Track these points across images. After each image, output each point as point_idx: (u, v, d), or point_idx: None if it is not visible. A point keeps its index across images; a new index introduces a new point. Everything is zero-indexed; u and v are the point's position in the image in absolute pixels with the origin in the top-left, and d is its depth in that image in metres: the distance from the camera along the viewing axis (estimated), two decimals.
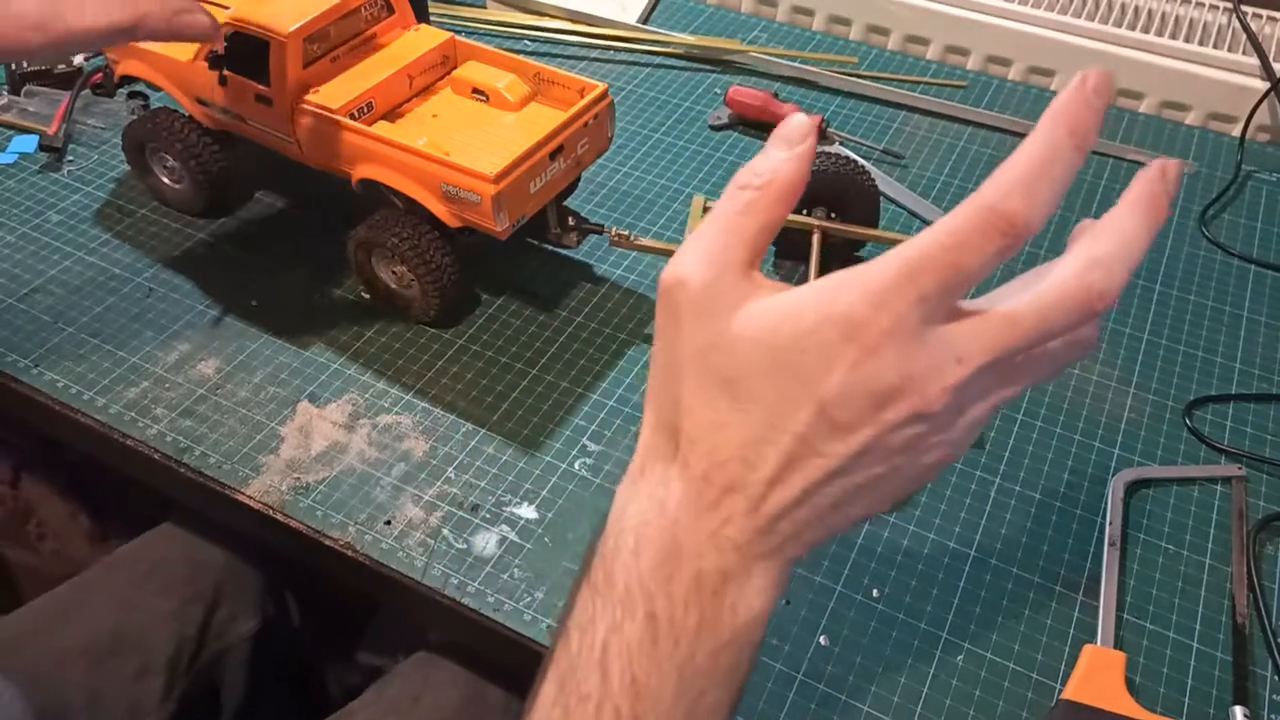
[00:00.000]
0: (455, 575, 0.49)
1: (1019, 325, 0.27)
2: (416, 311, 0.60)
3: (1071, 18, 0.85)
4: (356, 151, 0.56)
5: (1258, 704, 0.45)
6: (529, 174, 0.54)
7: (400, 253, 0.56)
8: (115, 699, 0.57)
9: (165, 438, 0.54)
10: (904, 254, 0.26)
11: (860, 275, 0.27)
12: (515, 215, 0.54)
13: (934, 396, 0.26)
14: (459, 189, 0.53)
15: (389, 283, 0.60)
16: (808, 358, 0.27)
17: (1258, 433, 0.58)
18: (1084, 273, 0.28)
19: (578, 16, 0.90)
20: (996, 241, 0.26)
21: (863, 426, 0.27)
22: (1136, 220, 0.28)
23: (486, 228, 0.54)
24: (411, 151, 0.54)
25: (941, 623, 0.48)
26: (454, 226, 0.55)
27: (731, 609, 0.28)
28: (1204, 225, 0.72)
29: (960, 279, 0.26)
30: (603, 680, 0.28)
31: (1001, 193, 0.27)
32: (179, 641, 0.60)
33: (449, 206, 0.54)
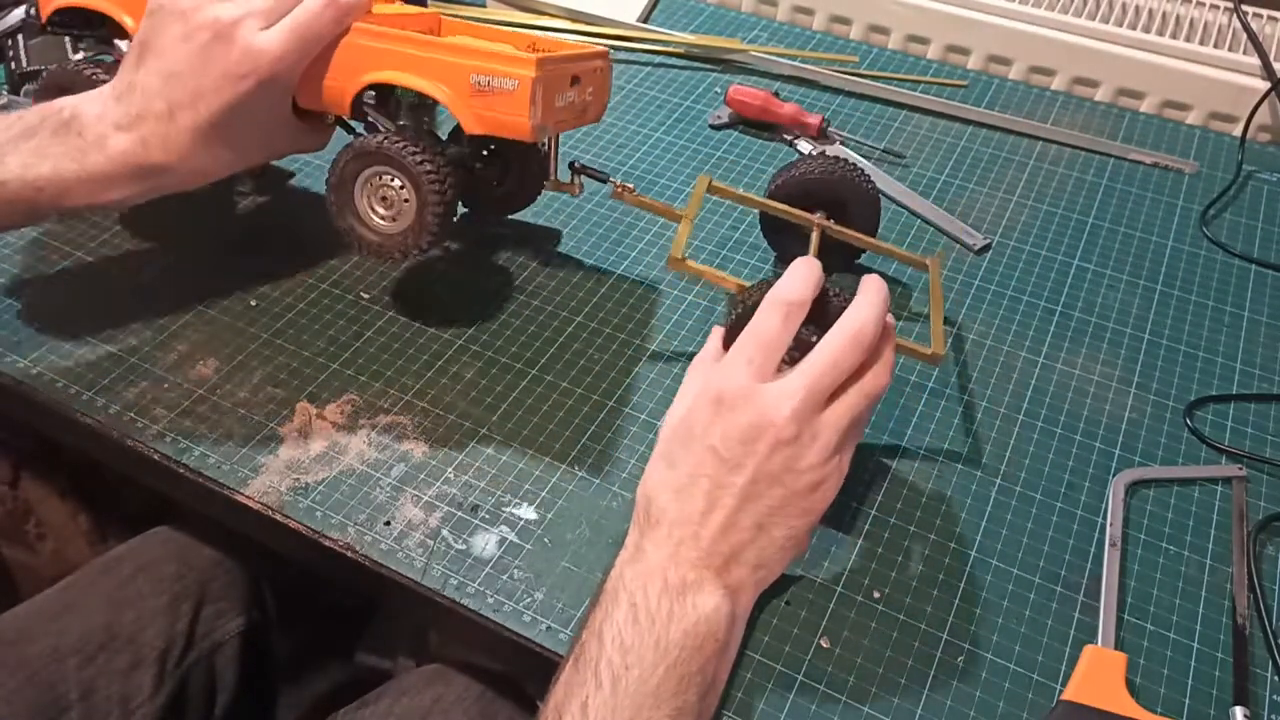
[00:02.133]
0: (455, 576, 0.49)
1: (816, 363, 0.41)
2: (397, 246, 0.55)
3: (1072, 17, 0.85)
4: (363, 57, 0.52)
5: (1258, 704, 0.45)
6: (559, 81, 0.52)
7: (410, 164, 0.52)
8: (107, 693, 0.57)
9: (164, 438, 0.54)
10: (738, 343, 0.43)
11: (717, 366, 0.43)
12: (547, 118, 0.52)
13: (783, 424, 0.40)
14: (492, 77, 0.50)
15: (369, 214, 0.55)
16: (698, 425, 0.42)
17: (1258, 433, 0.58)
18: (851, 324, 0.42)
19: (578, 16, 0.90)
20: (780, 310, 0.43)
21: (746, 459, 0.41)
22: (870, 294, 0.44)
23: (516, 125, 0.51)
24: (434, 45, 0.51)
25: (941, 623, 0.48)
26: (476, 132, 0.52)
27: (693, 605, 0.40)
28: (1204, 225, 0.72)
29: (769, 341, 0.42)
30: (599, 646, 0.39)
31: (780, 285, 0.43)
32: (169, 637, 0.61)
33: (475, 104, 0.51)
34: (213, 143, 0.52)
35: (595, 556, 0.50)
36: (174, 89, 0.50)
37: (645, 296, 0.64)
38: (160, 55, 0.50)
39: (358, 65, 0.53)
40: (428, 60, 0.51)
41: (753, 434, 0.41)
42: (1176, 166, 0.78)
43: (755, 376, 0.42)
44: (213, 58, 0.49)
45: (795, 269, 0.44)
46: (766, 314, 0.43)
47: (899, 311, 0.64)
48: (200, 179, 0.54)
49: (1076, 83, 0.86)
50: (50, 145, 0.50)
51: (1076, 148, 0.80)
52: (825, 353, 0.42)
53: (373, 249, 0.55)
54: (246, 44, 0.49)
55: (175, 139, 0.51)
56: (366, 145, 0.53)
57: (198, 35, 0.49)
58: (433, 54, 0.51)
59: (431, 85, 0.51)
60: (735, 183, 0.74)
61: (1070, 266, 0.69)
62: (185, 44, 0.50)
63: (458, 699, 0.58)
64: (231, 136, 0.52)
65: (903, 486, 0.54)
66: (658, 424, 0.56)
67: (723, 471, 0.41)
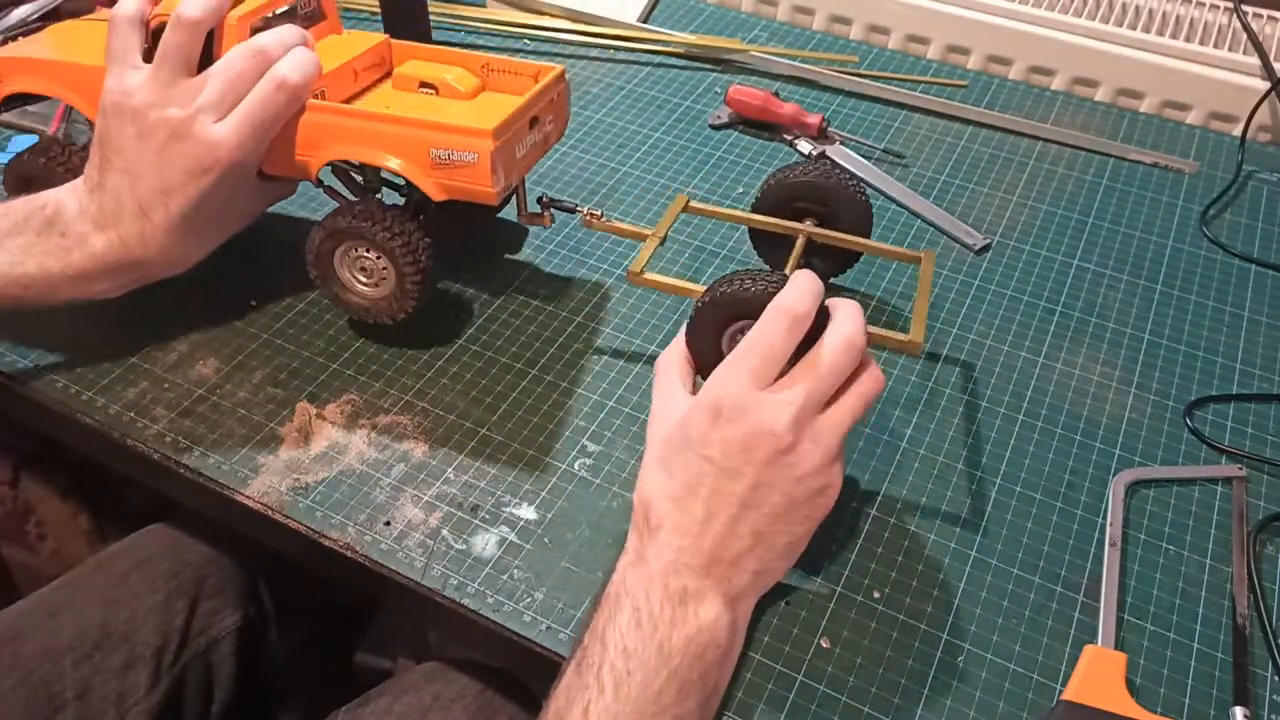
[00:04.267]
0: (455, 576, 0.49)
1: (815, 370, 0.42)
2: (383, 312, 0.56)
3: (1072, 17, 0.85)
4: (322, 134, 0.53)
5: (1258, 704, 0.45)
6: (517, 136, 0.52)
7: (380, 241, 0.53)
8: (103, 691, 0.57)
9: (164, 438, 0.54)
10: (735, 352, 0.42)
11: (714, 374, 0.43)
12: (509, 177, 0.52)
13: (782, 433, 0.40)
14: (452, 151, 0.50)
15: (352, 282, 0.56)
16: (696, 435, 0.42)
17: (1258, 433, 0.58)
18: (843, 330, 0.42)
19: (578, 16, 0.90)
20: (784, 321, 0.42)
21: (745, 468, 0.41)
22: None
23: (480, 192, 0.51)
24: (392, 120, 0.51)
25: (941, 623, 0.48)
26: (440, 199, 0.52)
27: (695, 613, 0.40)
28: (1204, 225, 0.72)
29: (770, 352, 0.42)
30: (602, 650, 0.39)
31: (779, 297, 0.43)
32: (164, 634, 0.61)
33: (437, 175, 0.51)
34: (188, 233, 0.52)
35: (595, 556, 0.50)
36: (141, 189, 0.50)
37: (645, 297, 0.64)
38: (121, 154, 0.50)
39: (318, 142, 0.53)
40: (387, 136, 0.51)
41: (752, 442, 0.41)
42: (1176, 166, 0.78)
43: (755, 385, 0.41)
44: (173, 157, 0.50)
45: (798, 280, 0.44)
46: (770, 323, 0.42)
47: (896, 315, 0.64)
48: (183, 265, 0.55)
49: (1076, 83, 0.86)
50: (36, 244, 0.51)
51: (1076, 148, 0.80)
52: (823, 360, 0.42)
53: (360, 313, 0.57)
54: (204, 139, 0.50)
55: (151, 235, 0.51)
56: (336, 225, 0.54)
57: (154, 135, 0.50)
58: (391, 130, 0.51)
59: (391, 160, 0.52)
60: (735, 183, 0.74)
61: (1070, 266, 0.69)
62: (143, 144, 0.50)
63: (457, 696, 0.58)
64: (205, 223, 0.53)
65: (903, 487, 0.54)
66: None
67: (722, 480, 0.41)
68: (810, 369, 0.42)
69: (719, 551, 0.41)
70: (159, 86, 0.50)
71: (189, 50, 0.50)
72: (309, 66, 0.51)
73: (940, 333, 0.63)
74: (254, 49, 0.50)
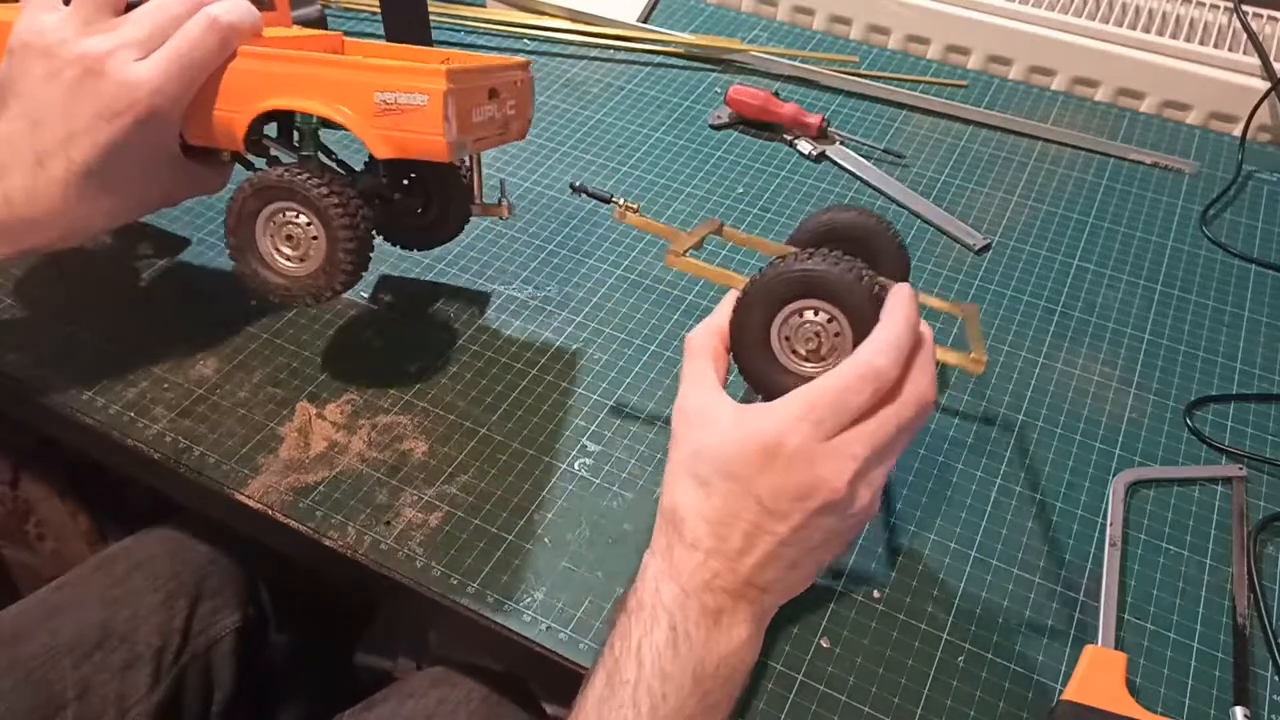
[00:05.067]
0: (455, 575, 0.49)
1: (881, 426, 0.38)
2: (307, 290, 0.50)
3: (1072, 17, 0.85)
4: (254, 83, 0.47)
5: (1258, 704, 0.45)
6: (474, 94, 0.47)
7: (315, 198, 0.47)
8: (104, 690, 0.57)
9: (164, 438, 0.54)
10: (806, 394, 0.38)
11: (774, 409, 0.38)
12: (464, 133, 0.47)
13: (840, 487, 0.38)
14: (399, 94, 0.45)
15: (273, 256, 0.50)
16: (744, 470, 0.39)
17: (1258, 433, 0.58)
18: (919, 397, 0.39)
19: (578, 16, 0.90)
20: (869, 386, 0.38)
21: (793, 513, 0.38)
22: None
23: (431, 144, 0.46)
24: (334, 62, 0.46)
25: (941, 623, 0.48)
26: (386, 155, 0.47)
27: (728, 633, 0.39)
28: (1204, 225, 0.72)
29: (846, 411, 0.38)
30: (638, 668, 0.38)
31: (873, 350, 0.38)
32: (165, 634, 0.61)
33: (382, 125, 0.46)
34: (90, 192, 0.46)
35: (595, 556, 0.50)
36: (41, 135, 0.45)
37: (645, 296, 0.64)
38: (23, 98, 0.45)
39: (249, 92, 0.47)
40: (326, 80, 0.46)
41: (807, 494, 0.38)
42: (1176, 166, 0.78)
43: (819, 437, 0.38)
44: (83, 96, 0.44)
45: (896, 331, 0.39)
46: (857, 380, 0.38)
47: None
48: (78, 235, 0.49)
49: (1076, 83, 0.86)
50: None
51: (1076, 148, 0.80)
52: (896, 417, 0.39)
53: (280, 293, 0.50)
54: (121, 77, 0.44)
55: (44, 191, 0.46)
56: (266, 178, 0.47)
57: (65, 73, 0.44)
58: (331, 73, 0.46)
59: (332, 108, 0.46)
60: (735, 183, 0.74)
61: (1070, 266, 0.69)
62: (51, 84, 0.44)
63: (462, 701, 0.58)
64: (111, 184, 0.47)
65: (902, 487, 0.54)
66: (658, 423, 0.56)
67: (765, 520, 0.39)
68: (881, 425, 0.38)
69: (753, 577, 0.40)
70: (77, 23, 0.45)
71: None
72: (245, 11, 0.47)
73: (940, 333, 0.63)
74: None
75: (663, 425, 0.56)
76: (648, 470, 0.54)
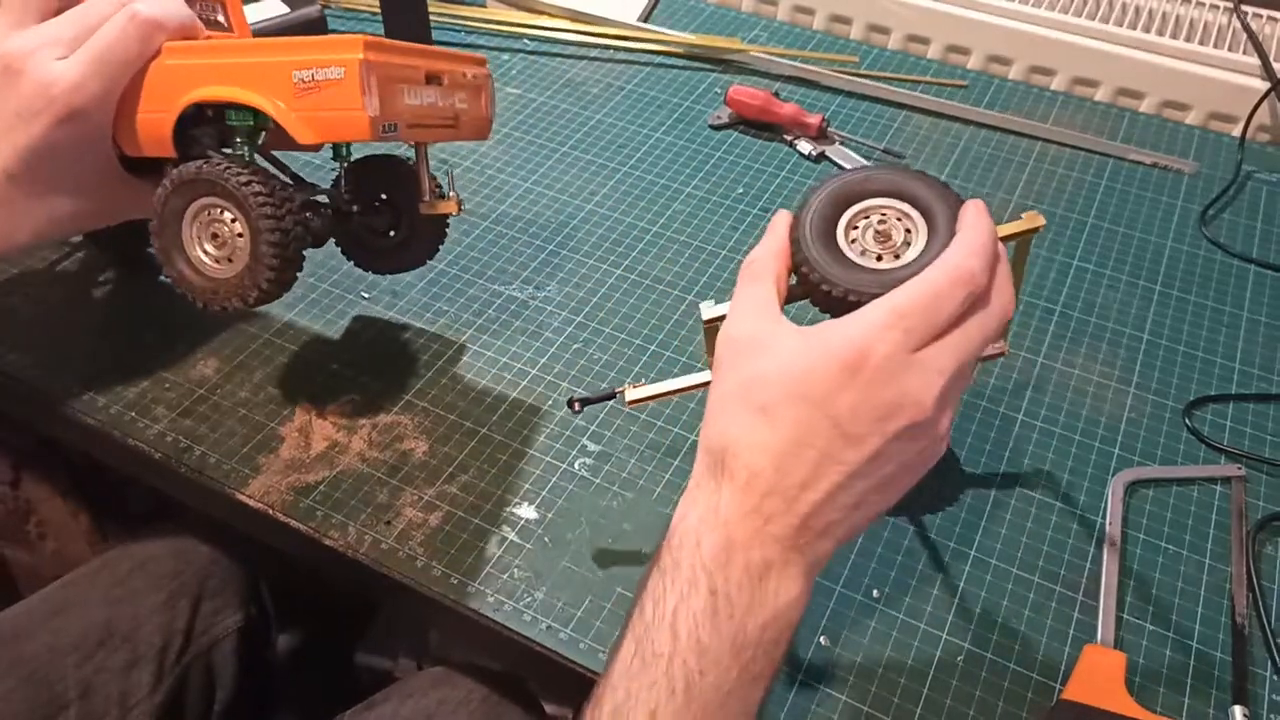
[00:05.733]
0: (455, 575, 0.49)
1: (970, 336, 0.35)
2: (232, 292, 0.46)
3: (1072, 17, 0.85)
4: (178, 78, 0.45)
5: (1257, 704, 0.45)
6: (401, 73, 0.45)
7: (241, 196, 0.44)
8: (106, 690, 0.57)
9: (165, 438, 0.54)
10: (893, 301, 0.35)
11: (856, 319, 0.35)
12: (388, 113, 0.44)
13: (928, 405, 0.34)
14: (316, 70, 0.42)
15: (202, 256, 0.47)
16: (819, 389, 0.34)
17: (1257, 433, 0.58)
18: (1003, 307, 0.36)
19: (578, 16, 0.90)
20: (963, 291, 0.35)
21: (871, 436, 0.34)
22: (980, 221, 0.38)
23: (352, 121, 0.43)
24: (253, 47, 0.44)
25: (941, 623, 0.48)
26: (309, 141, 0.44)
27: (774, 592, 0.35)
28: (1204, 225, 0.72)
29: (938, 319, 0.34)
30: (673, 639, 0.34)
31: (965, 253, 0.35)
32: (167, 634, 0.61)
33: (303, 106, 0.43)
34: (14, 199, 0.44)
35: (595, 556, 0.50)
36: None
37: (645, 296, 0.64)
38: None
39: (174, 88, 0.45)
40: (244, 67, 0.44)
41: (892, 412, 0.34)
42: (1176, 166, 0.78)
43: (909, 348, 0.34)
44: (3, 96, 0.43)
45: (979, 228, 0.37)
46: (949, 285, 0.35)
47: None
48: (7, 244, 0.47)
49: (1076, 83, 0.86)
50: None
51: (1076, 148, 0.80)
52: (980, 328, 0.35)
53: (204, 296, 0.47)
54: (38, 76, 0.42)
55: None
56: (186, 172, 0.45)
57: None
58: (249, 58, 0.44)
59: (252, 95, 0.44)
60: (735, 184, 0.74)
61: (1070, 266, 0.69)
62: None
63: (463, 701, 0.58)
64: (38, 190, 0.45)
65: None
66: (657, 423, 0.56)
67: (838, 446, 0.35)
68: (968, 337, 0.35)
69: (812, 519, 0.35)
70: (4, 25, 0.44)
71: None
72: (172, 6, 0.44)
73: None
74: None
75: (663, 425, 0.56)
76: (648, 470, 0.54)
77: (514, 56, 0.87)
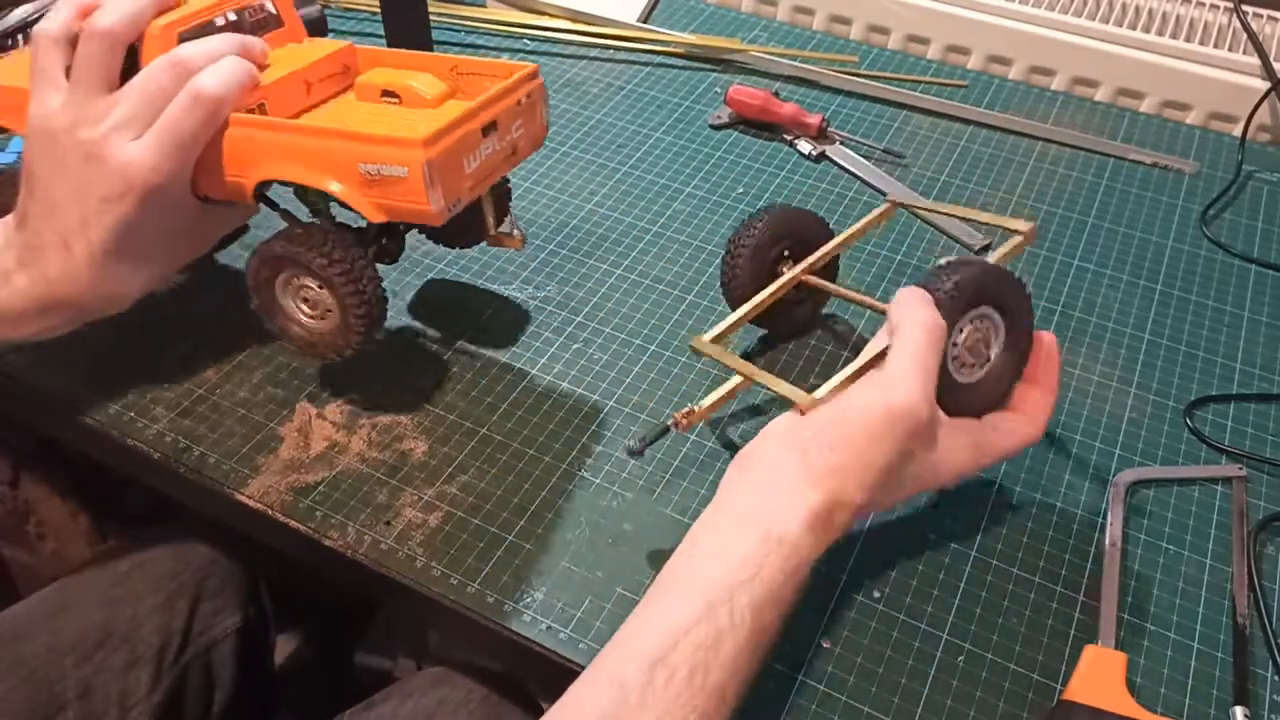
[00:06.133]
0: (455, 575, 0.49)
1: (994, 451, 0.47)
2: (328, 347, 0.51)
3: (1072, 17, 0.85)
4: (249, 151, 0.47)
5: (1258, 704, 0.45)
6: (461, 146, 0.46)
7: (319, 269, 0.48)
8: (104, 691, 0.57)
9: (164, 438, 0.54)
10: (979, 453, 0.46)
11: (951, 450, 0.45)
12: (451, 195, 0.46)
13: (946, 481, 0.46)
14: (381, 165, 0.45)
15: (298, 314, 0.51)
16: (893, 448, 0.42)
17: (1258, 433, 0.58)
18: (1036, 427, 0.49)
19: (578, 16, 0.90)
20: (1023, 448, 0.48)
21: None
22: None
23: (419, 211, 0.46)
24: (316, 132, 0.46)
25: (941, 623, 0.48)
26: (379, 220, 0.47)
27: None
28: (1204, 225, 0.72)
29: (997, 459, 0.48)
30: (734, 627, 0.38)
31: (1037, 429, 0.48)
32: (166, 634, 0.61)
33: (371, 194, 0.46)
34: (116, 266, 0.48)
35: (595, 556, 0.50)
36: (60, 220, 0.47)
37: (644, 296, 0.64)
38: (42, 183, 0.47)
39: (246, 160, 0.47)
40: (312, 151, 0.46)
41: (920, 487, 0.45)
42: (1176, 166, 0.78)
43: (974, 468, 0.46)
44: (88, 182, 0.46)
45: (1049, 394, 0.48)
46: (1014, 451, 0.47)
47: None
48: (122, 301, 0.51)
49: (1076, 83, 0.86)
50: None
51: (1076, 148, 0.80)
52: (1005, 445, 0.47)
53: (306, 349, 0.52)
54: (116, 162, 0.45)
55: (76, 271, 0.47)
56: (271, 250, 0.48)
57: (69, 160, 0.46)
58: (315, 143, 0.46)
59: (321, 179, 0.46)
60: (735, 183, 0.74)
61: (1070, 266, 0.69)
62: (61, 171, 0.46)
63: (462, 701, 0.58)
64: (134, 255, 0.48)
65: None
66: (657, 423, 0.56)
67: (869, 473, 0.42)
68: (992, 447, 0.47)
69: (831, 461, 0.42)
70: (73, 107, 0.46)
71: (104, 65, 0.45)
72: (233, 76, 0.46)
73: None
74: (173, 60, 0.45)
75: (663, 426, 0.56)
76: (648, 470, 0.54)
77: (514, 57, 0.87)
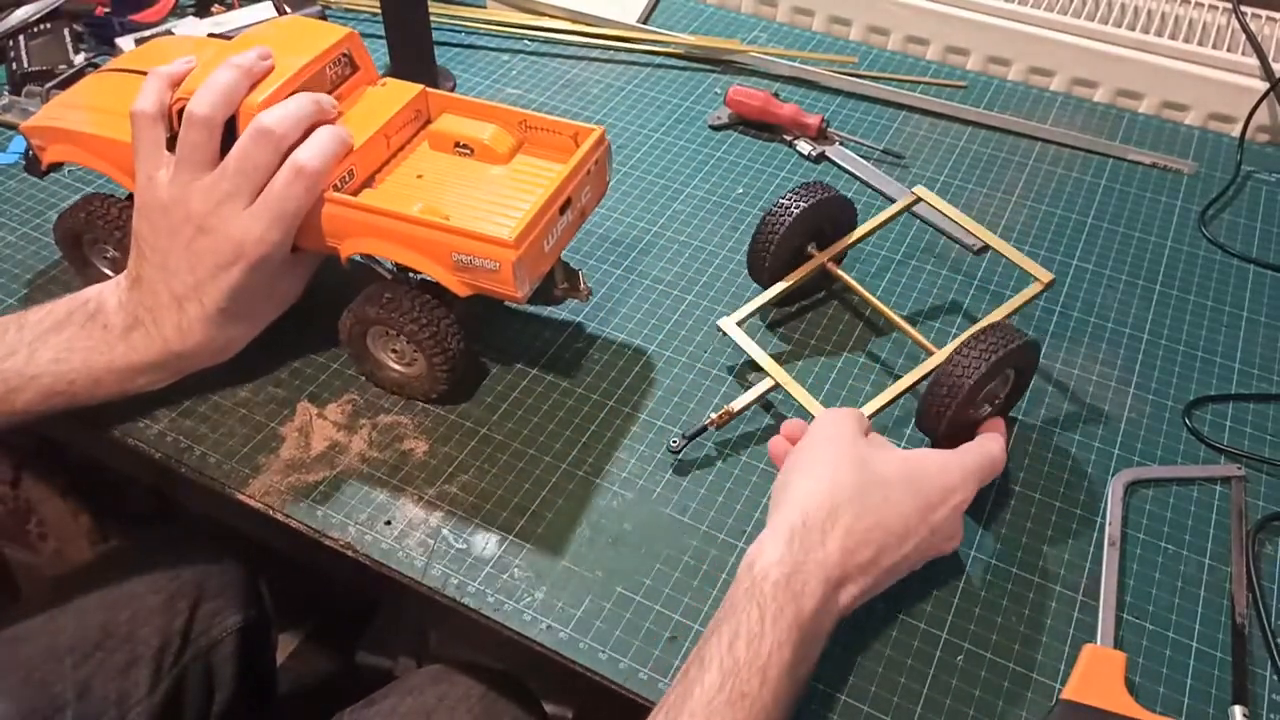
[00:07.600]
0: (455, 575, 0.49)
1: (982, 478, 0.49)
2: (417, 390, 0.56)
3: (1071, 18, 0.85)
4: (345, 226, 0.51)
5: (1257, 704, 0.45)
6: (543, 233, 0.50)
7: (409, 332, 0.52)
8: (104, 691, 0.57)
9: (165, 438, 0.54)
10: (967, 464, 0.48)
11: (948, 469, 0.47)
12: (535, 277, 0.51)
13: None
14: (474, 257, 0.49)
15: (387, 361, 0.56)
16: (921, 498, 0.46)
17: (1257, 433, 0.58)
18: None
19: (578, 16, 0.90)
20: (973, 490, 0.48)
21: None
22: None
23: (505, 294, 0.50)
24: (413, 221, 0.49)
25: (941, 623, 0.48)
26: (466, 294, 0.51)
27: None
28: (1204, 225, 0.73)
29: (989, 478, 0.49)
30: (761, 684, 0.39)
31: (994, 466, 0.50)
32: (165, 635, 0.61)
33: (461, 275, 0.50)
34: (226, 323, 0.52)
35: (595, 556, 0.50)
36: (174, 283, 0.51)
37: (645, 296, 0.64)
38: (155, 250, 0.51)
39: (341, 232, 0.51)
40: (407, 235, 0.50)
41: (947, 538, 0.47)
42: (1175, 167, 0.78)
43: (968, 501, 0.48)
44: (201, 251, 0.50)
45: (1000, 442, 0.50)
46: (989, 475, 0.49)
47: None
48: (225, 354, 0.54)
49: (1076, 83, 0.87)
50: (79, 339, 0.51)
51: (1076, 148, 0.80)
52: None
53: (395, 390, 0.57)
54: (228, 234, 0.50)
55: (189, 328, 0.51)
56: (365, 314, 0.53)
57: (183, 230, 0.50)
58: (411, 230, 0.49)
59: (418, 260, 0.50)
60: (735, 184, 0.74)
61: (1070, 266, 0.69)
62: (173, 240, 0.50)
63: (462, 698, 0.58)
64: (242, 312, 0.53)
65: None
66: (657, 423, 0.56)
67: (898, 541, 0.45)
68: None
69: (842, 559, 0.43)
70: (180, 185, 0.50)
71: (205, 147, 0.49)
72: (329, 149, 0.50)
73: (939, 333, 0.63)
74: (260, 130, 0.49)
75: (662, 426, 0.56)
76: (648, 470, 0.54)
77: (514, 57, 0.87)
